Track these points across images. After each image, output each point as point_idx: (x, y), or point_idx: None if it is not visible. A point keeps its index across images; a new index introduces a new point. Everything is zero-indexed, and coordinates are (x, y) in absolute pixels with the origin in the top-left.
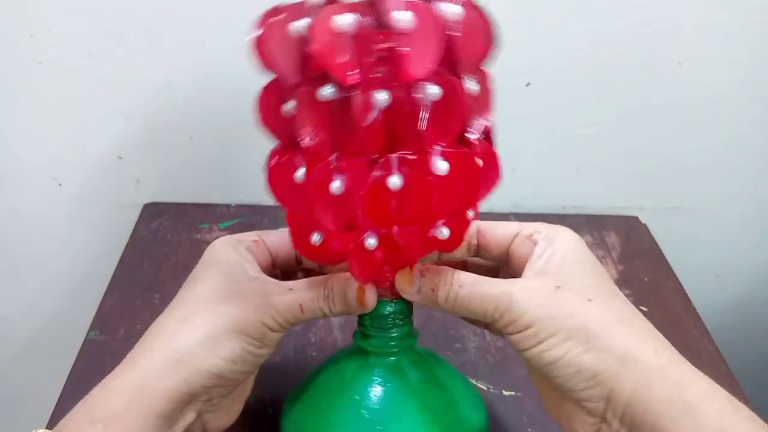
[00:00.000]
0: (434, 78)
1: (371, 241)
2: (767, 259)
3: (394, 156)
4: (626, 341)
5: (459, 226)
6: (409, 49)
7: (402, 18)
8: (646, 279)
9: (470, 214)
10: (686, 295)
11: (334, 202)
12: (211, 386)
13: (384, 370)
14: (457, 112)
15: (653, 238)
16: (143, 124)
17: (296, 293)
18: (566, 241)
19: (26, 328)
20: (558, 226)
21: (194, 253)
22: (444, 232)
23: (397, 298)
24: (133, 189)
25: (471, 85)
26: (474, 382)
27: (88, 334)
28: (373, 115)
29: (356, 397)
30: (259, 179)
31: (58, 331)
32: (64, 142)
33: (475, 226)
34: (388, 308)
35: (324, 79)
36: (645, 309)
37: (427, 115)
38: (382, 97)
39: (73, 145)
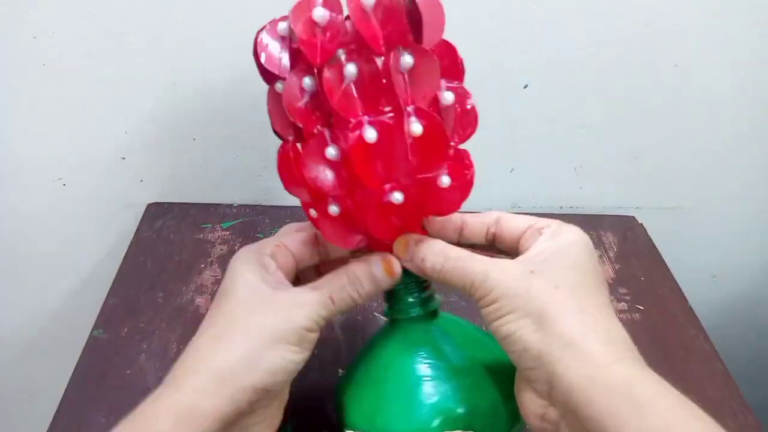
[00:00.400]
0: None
1: (397, 196)
2: (763, 259)
3: (365, 117)
4: (577, 331)
5: (460, 174)
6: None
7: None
8: (642, 278)
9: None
10: (682, 294)
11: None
12: (255, 401)
13: (428, 335)
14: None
15: (650, 237)
16: (146, 124)
17: (323, 288)
18: (568, 238)
19: (31, 326)
20: (571, 225)
21: (197, 252)
22: (444, 180)
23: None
24: (136, 189)
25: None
26: None
27: (92, 333)
28: (345, 85)
29: (417, 365)
30: (261, 179)
31: (62, 329)
32: (68, 142)
33: (497, 216)
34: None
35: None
36: (641, 308)
37: (403, 81)
38: (351, 70)
39: (76, 146)
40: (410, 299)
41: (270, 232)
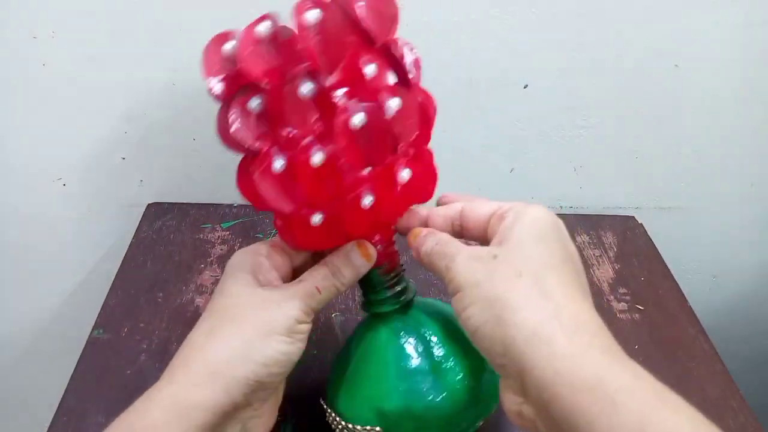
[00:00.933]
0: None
1: (367, 200)
2: (763, 259)
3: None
4: (539, 320)
5: (420, 166)
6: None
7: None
8: (642, 278)
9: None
10: (682, 294)
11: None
12: (250, 393)
13: (406, 325)
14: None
15: (650, 237)
16: (146, 124)
17: (308, 281)
18: (531, 216)
19: (31, 326)
20: (534, 204)
21: (197, 252)
22: (404, 175)
23: (384, 260)
24: (136, 189)
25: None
26: None
27: (92, 332)
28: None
29: (416, 349)
30: None
31: (63, 329)
32: (68, 142)
33: (460, 207)
34: (384, 268)
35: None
36: (641, 308)
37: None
38: (307, 88)
39: (76, 146)
40: (385, 294)
41: (270, 232)
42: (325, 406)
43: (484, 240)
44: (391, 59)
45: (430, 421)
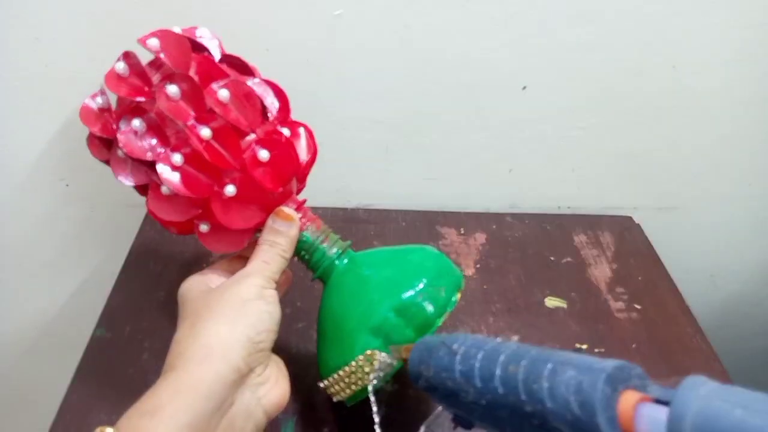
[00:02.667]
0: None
1: (263, 153)
2: (761, 259)
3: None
4: None
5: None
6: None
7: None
8: (640, 278)
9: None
10: (680, 294)
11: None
12: (247, 355)
13: (354, 258)
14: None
15: (647, 237)
16: None
17: (255, 259)
18: None
19: (33, 325)
20: None
21: (199, 252)
22: (285, 132)
23: (308, 221)
24: None
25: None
26: None
27: (94, 332)
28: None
29: (371, 272)
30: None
31: (65, 328)
32: (71, 143)
33: None
34: (311, 230)
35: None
36: (639, 308)
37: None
38: (173, 89)
39: (79, 146)
40: (323, 251)
41: None
42: (325, 386)
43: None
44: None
45: (413, 305)
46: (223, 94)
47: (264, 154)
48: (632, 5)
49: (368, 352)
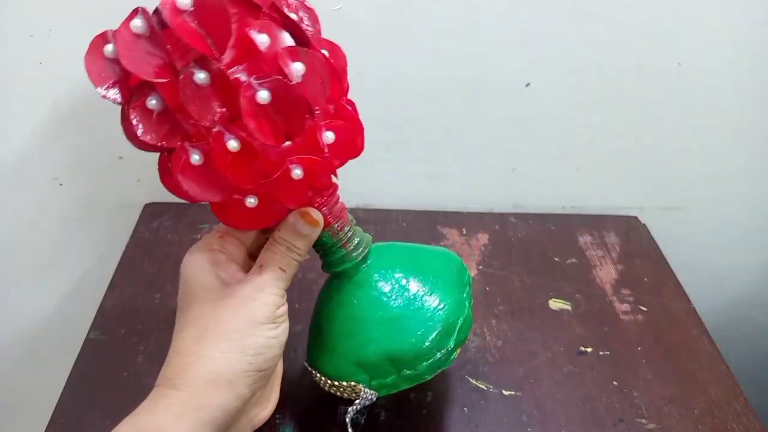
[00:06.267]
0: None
1: (297, 172)
2: (767, 260)
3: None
4: None
5: (342, 122)
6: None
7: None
8: (645, 279)
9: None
10: (686, 295)
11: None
12: (252, 383)
13: (368, 276)
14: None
15: (653, 238)
16: None
17: (270, 264)
18: None
19: (27, 328)
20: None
21: None
22: (329, 136)
23: (333, 221)
24: (133, 189)
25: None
26: (474, 382)
27: (88, 334)
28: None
29: (381, 299)
30: None
31: (59, 331)
32: (64, 142)
33: None
34: (334, 229)
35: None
36: (645, 309)
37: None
38: (201, 76)
39: (73, 145)
40: (341, 252)
41: None
42: (309, 368)
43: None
44: (285, 20)
45: (408, 360)
46: (263, 95)
47: (298, 173)
48: (638, 1)
49: (353, 383)
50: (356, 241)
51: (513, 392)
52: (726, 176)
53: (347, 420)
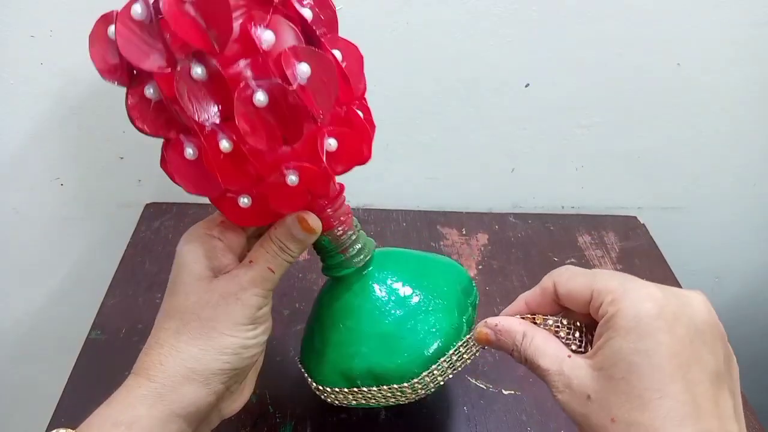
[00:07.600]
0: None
1: (293, 178)
2: (766, 260)
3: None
4: None
5: (348, 128)
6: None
7: None
8: (644, 279)
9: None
10: None
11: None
12: (228, 380)
13: (366, 288)
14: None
15: (652, 238)
16: None
17: (259, 262)
18: (630, 317)
19: (28, 327)
20: (634, 284)
21: None
22: (331, 143)
23: (336, 224)
24: (134, 189)
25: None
26: (474, 381)
27: (89, 334)
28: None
29: (374, 312)
30: None
31: (60, 330)
32: (66, 142)
33: (551, 285)
34: (336, 233)
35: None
36: None
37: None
38: (198, 71)
39: (74, 146)
40: (340, 258)
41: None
42: (301, 367)
43: (591, 319)
44: (296, 16)
45: (394, 381)
46: (260, 98)
47: (293, 179)
48: (637, 2)
49: (336, 389)
50: (357, 248)
51: (513, 392)
52: (726, 176)
53: None
